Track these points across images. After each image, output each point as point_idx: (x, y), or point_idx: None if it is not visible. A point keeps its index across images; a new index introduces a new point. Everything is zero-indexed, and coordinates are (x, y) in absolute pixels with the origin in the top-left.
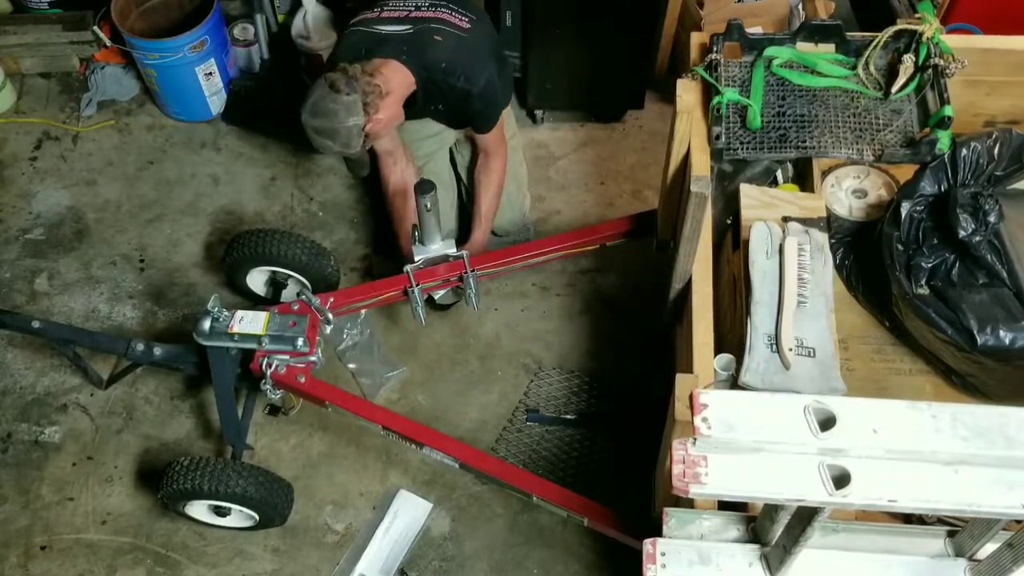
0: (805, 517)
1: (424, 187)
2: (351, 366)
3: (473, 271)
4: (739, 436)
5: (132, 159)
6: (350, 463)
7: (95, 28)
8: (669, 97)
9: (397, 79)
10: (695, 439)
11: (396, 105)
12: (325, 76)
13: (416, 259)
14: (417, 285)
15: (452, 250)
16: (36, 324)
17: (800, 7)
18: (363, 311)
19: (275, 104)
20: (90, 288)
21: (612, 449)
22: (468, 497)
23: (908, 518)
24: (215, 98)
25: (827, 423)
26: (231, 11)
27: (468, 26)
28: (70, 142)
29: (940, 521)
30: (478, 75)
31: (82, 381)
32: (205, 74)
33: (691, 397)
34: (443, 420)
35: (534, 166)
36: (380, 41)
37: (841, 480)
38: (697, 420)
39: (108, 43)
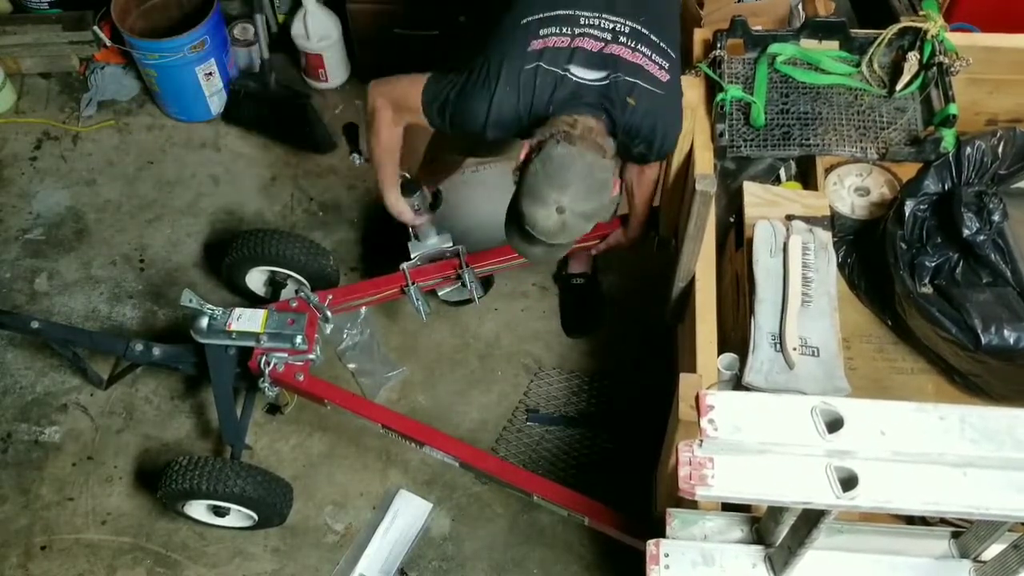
0: (811, 519)
1: (409, 188)
2: (351, 366)
3: (469, 267)
4: (746, 438)
5: (132, 159)
6: (350, 463)
7: (95, 28)
8: None
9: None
10: (701, 440)
11: None
12: (565, 136)
13: (412, 255)
14: (413, 283)
15: (448, 244)
16: (35, 324)
17: (800, 7)
18: (363, 310)
19: (275, 104)
20: (90, 288)
21: (612, 449)
22: (468, 497)
23: (911, 519)
24: (215, 98)
25: (834, 425)
26: (231, 11)
27: (667, 78)
28: (70, 142)
29: (943, 522)
30: (659, 139)
31: (82, 381)
32: (205, 74)
33: (697, 398)
34: (443, 420)
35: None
36: (574, 93)
37: (849, 482)
38: (704, 421)
39: (108, 43)
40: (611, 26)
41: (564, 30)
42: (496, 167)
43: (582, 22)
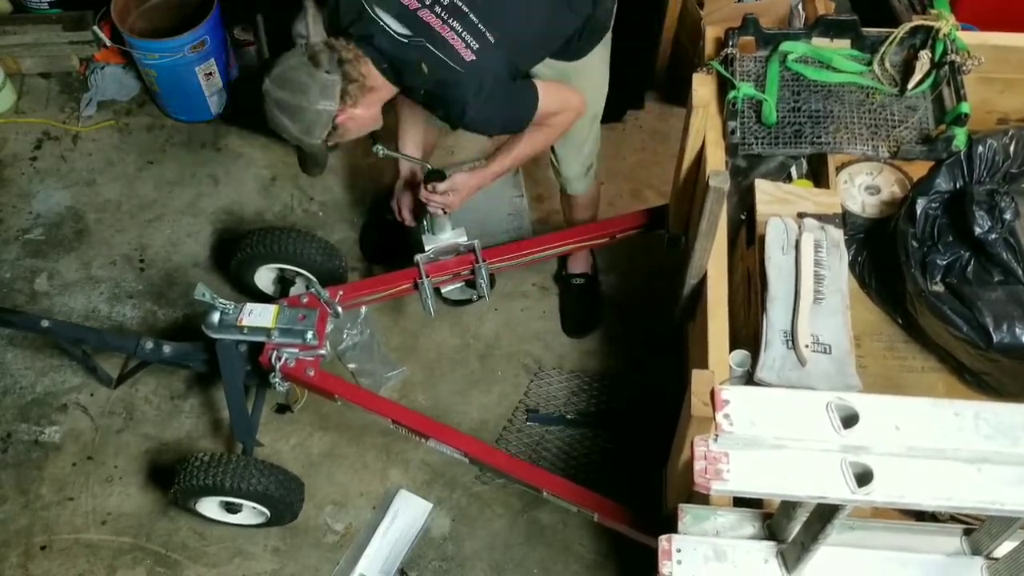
0: (825, 515)
1: (432, 176)
2: (351, 366)
3: (485, 262)
4: (761, 433)
5: (132, 159)
6: (350, 463)
7: (95, 28)
8: (669, 97)
9: (380, 81)
10: (716, 435)
11: (376, 105)
12: (306, 44)
13: (427, 248)
14: (428, 277)
15: (464, 239)
16: (45, 324)
17: (800, 7)
18: (363, 309)
19: None
20: (90, 288)
21: (612, 449)
22: (468, 497)
23: (921, 515)
24: (215, 98)
25: (849, 420)
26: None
27: (472, 58)
28: (70, 142)
29: (953, 519)
30: (455, 113)
31: (82, 381)
32: (205, 74)
33: (712, 393)
34: (443, 420)
35: (534, 166)
36: (375, 30)
37: (864, 478)
38: (719, 416)
39: (108, 43)
40: None
41: None
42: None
43: None
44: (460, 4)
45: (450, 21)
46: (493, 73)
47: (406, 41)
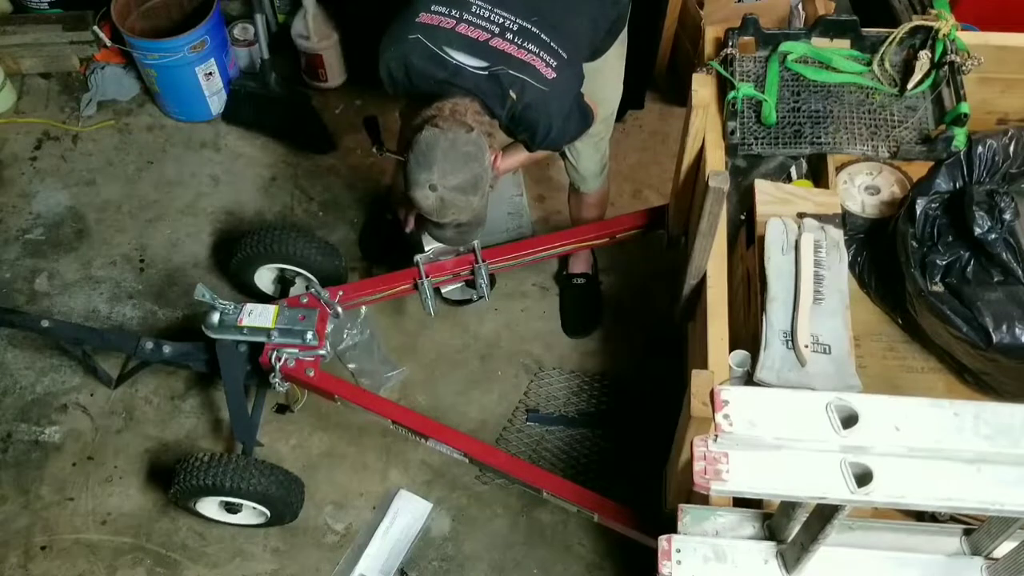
0: (825, 515)
1: None
2: (351, 366)
3: (485, 262)
4: (761, 433)
5: (132, 159)
6: (350, 463)
7: (95, 28)
8: (669, 97)
9: (486, 116)
10: (716, 436)
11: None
12: (432, 120)
13: (427, 248)
14: (428, 277)
15: None
16: (45, 323)
17: (800, 7)
18: (363, 309)
19: (275, 104)
20: (90, 288)
21: (612, 449)
22: (468, 497)
23: (921, 515)
24: (215, 98)
25: (849, 420)
26: (231, 11)
27: (553, 75)
28: (70, 142)
29: (952, 519)
30: (542, 132)
31: (82, 381)
32: (205, 74)
33: (712, 394)
34: (443, 420)
35: (534, 166)
36: (453, 75)
37: (863, 478)
38: (719, 417)
39: (108, 43)
40: (500, 20)
41: (452, 12)
42: None
43: (472, 10)
44: (529, 26)
45: (525, 44)
46: (570, 89)
47: (486, 72)
